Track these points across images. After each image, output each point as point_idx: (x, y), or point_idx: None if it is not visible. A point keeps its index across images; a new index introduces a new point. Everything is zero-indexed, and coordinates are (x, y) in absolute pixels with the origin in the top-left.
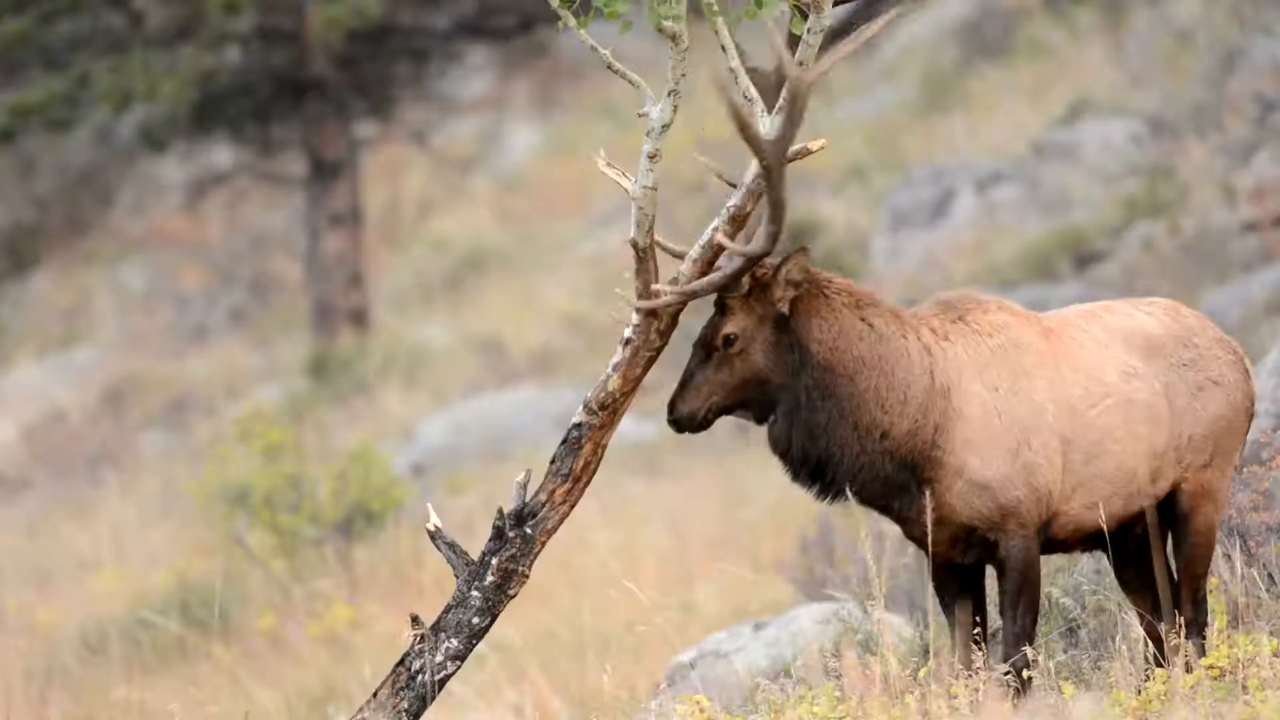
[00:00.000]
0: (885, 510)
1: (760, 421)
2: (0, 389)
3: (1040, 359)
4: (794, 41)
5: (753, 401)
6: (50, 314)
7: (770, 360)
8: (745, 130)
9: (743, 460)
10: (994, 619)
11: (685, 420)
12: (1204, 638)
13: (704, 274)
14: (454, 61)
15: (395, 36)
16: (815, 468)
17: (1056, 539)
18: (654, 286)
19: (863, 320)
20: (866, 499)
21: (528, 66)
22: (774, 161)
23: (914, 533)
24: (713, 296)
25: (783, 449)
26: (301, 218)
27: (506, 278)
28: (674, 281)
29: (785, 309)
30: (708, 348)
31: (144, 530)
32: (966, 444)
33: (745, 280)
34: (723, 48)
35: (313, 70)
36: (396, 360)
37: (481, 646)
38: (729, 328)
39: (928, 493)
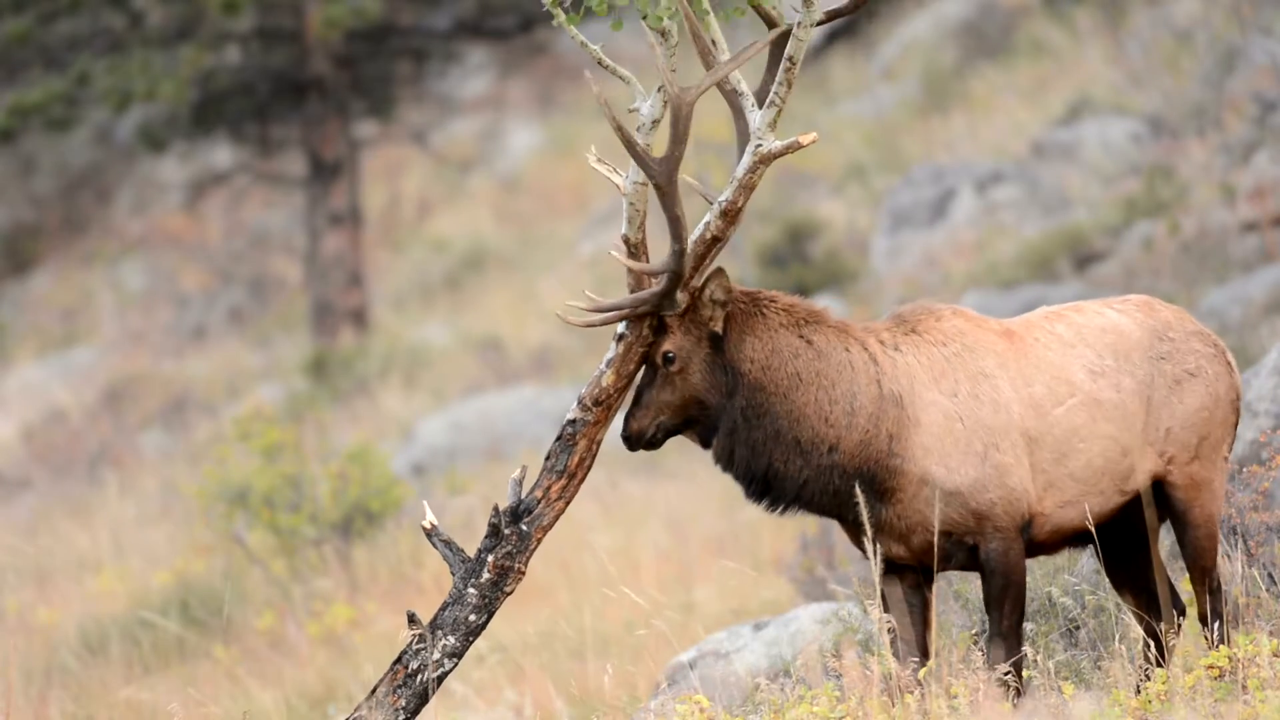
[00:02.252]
0: (841, 520)
1: (705, 445)
2: (0, 389)
3: (1000, 360)
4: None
5: (696, 422)
6: (50, 314)
7: (707, 381)
8: (631, 149)
9: None
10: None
11: (635, 438)
12: (1224, 623)
13: (696, 268)
14: (454, 61)
15: (395, 36)
16: (763, 484)
17: (1036, 541)
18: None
19: (801, 338)
20: (820, 511)
21: (527, 66)
22: (663, 179)
23: (877, 539)
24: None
25: (726, 466)
26: (301, 218)
27: (506, 278)
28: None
29: (718, 328)
30: (651, 365)
31: (144, 530)
32: (926, 452)
33: (683, 297)
34: (713, 42)
35: (312, 70)
36: (396, 360)
37: (481, 646)
38: (667, 345)
39: (891, 503)
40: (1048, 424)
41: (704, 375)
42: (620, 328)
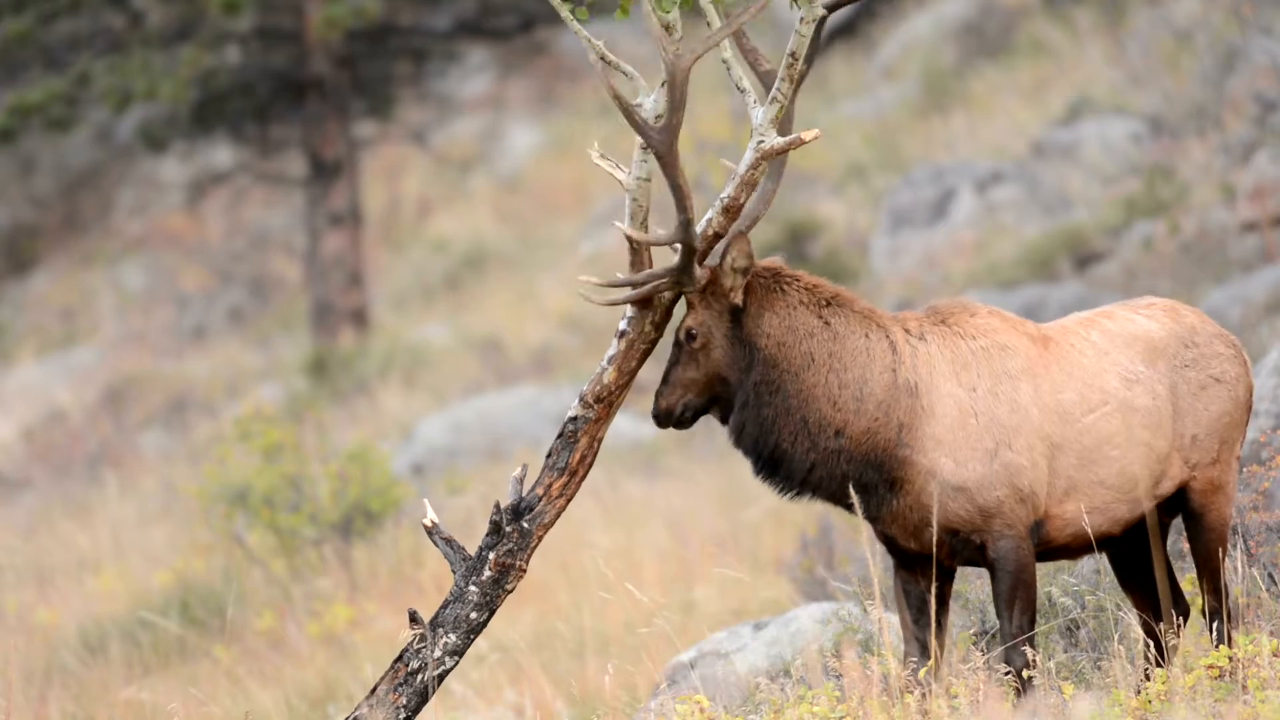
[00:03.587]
0: (851, 509)
1: (724, 422)
2: (0, 389)
3: (1029, 363)
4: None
5: (721, 400)
6: (50, 314)
7: (728, 356)
8: (630, 117)
9: (743, 460)
10: (991, 619)
11: (663, 416)
12: (1231, 623)
13: (701, 261)
14: (454, 61)
15: (395, 36)
16: (770, 462)
17: (1056, 543)
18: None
19: (819, 318)
20: (827, 496)
21: (528, 66)
22: (662, 147)
23: (887, 531)
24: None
25: (737, 441)
26: (301, 218)
27: (506, 277)
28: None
29: (738, 300)
30: (677, 344)
31: (144, 530)
32: (938, 444)
33: (702, 272)
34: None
35: (313, 70)
36: (396, 360)
37: (481, 645)
38: (689, 322)
39: (900, 495)
40: (1075, 431)
41: (725, 351)
42: (622, 325)
